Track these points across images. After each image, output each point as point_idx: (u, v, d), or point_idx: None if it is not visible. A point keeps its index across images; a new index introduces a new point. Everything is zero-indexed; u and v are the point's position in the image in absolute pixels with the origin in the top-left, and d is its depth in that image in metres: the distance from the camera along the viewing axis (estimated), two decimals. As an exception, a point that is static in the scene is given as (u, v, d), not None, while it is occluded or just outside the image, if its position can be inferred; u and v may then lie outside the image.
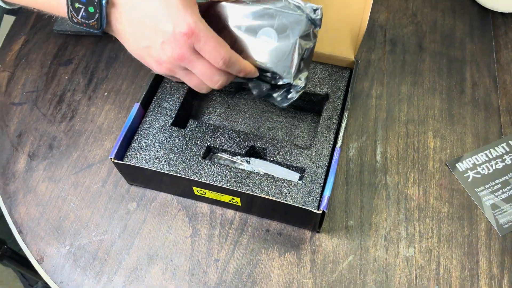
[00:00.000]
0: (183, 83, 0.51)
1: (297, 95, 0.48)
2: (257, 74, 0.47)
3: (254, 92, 0.49)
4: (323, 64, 0.60)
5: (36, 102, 0.64)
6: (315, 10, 0.46)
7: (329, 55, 0.59)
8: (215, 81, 0.45)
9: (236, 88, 0.62)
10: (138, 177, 0.55)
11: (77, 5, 0.42)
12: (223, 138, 0.55)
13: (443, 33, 0.71)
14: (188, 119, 0.61)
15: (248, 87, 0.49)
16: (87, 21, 0.43)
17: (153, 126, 0.55)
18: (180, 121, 0.58)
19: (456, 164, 0.58)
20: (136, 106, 0.54)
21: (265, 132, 0.60)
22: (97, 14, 0.42)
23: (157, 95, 0.58)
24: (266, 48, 0.46)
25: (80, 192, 0.57)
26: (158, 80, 0.59)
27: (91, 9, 0.42)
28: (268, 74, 0.47)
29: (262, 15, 0.45)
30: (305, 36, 0.46)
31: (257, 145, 0.54)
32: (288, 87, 0.48)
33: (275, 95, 0.49)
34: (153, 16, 0.41)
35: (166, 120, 0.56)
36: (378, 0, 0.74)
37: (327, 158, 0.53)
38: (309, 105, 0.61)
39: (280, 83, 0.47)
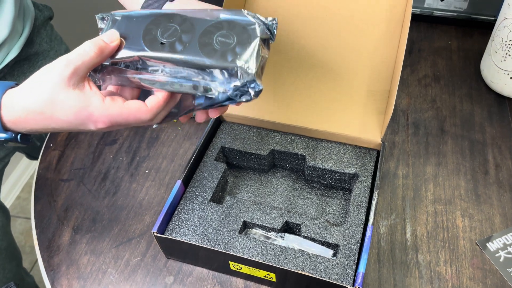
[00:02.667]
0: None
1: (253, 98, 0.44)
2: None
3: (207, 103, 0.46)
4: (352, 145, 0.64)
5: (82, 179, 0.69)
6: (272, 20, 0.46)
7: (357, 138, 0.63)
8: (155, 122, 0.47)
9: (269, 166, 0.66)
10: (176, 251, 0.57)
11: None
12: (258, 213, 0.58)
13: (462, 118, 0.75)
14: (224, 195, 0.64)
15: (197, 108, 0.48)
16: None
17: (193, 202, 0.59)
18: (217, 197, 0.62)
19: (487, 244, 0.59)
20: (178, 183, 0.58)
21: (297, 209, 0.63)
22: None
23: (197, 172, 0.62)
24: (225, 48, 0.44)
25: (120, 265, 0.59)
26: (198, 159, 0.63)
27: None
28: (224, 74, 0.44)
29: (219, 24, 0.45)
30: (264, 40, 0.45)
31: (291, 221, 0.57)
32: (244, 87, 0.44)
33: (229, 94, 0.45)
34: (75, 124, 0.44)
35: (205, 196, 0.59)
36: (399, 87, 0.80)
37: (360, 235, 0.55)
38: (339, 184, 0.64)
39: (240, 81, 0.43)
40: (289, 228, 0.58)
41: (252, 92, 0.44)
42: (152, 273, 0.58)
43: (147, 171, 0.70)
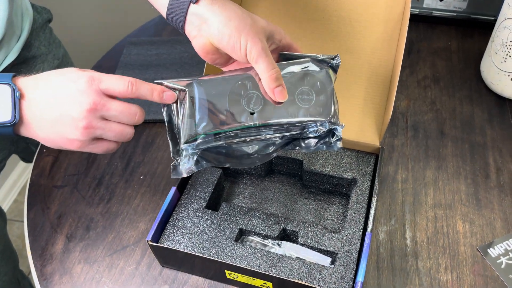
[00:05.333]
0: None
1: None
2: (173, 97, 0.49)
3: (304, 150, 0.51)
4: (350, 150, 0.63)
5: (76, 185, 0.68)
6: (333, 58, 0.50)
7: (355, 142, 0.62)
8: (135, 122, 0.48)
9: (266, 171, 0.65)
10: (171, 259, 0.56)
11: None
12: (255, 220, 0.57)
13: (462, 120, 0.74)
14: (220, 201, 0.63)
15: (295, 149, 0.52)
16: None
17: (188, 209, 0.58)
18: (213, 204, 0.61)
19: (488, 250, 0.58)
20: (173, 189, 0.57)
21: (294, 215, 0.62)
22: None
23: (192, 179, 0.61)
24: (308, 104, 0.49)
25: (114, 274, 0.58)
26: (193, 165, 0.62)
27: None
28: (313, 126, 0.49)
29: (293, 78, 0.49)
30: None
31: (288, 228, 0.56)
32: (331, 131, 0.50)
33: (322, 141, 0.51)
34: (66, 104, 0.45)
35: (200, 203, 0.58)
36: (398, 89, 0.78)
37: (358, 243, 0.53)
38: (337, 189, 0.63)
39: (326, 128, 0.49)
40: (286, 235, 0.57)
41: (338, 131, 0.50)
42: (146, 282, 0.57)
43: (142, 177, 0.68)
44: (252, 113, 0.48)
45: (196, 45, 0.49)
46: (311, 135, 0.50)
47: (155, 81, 0.49)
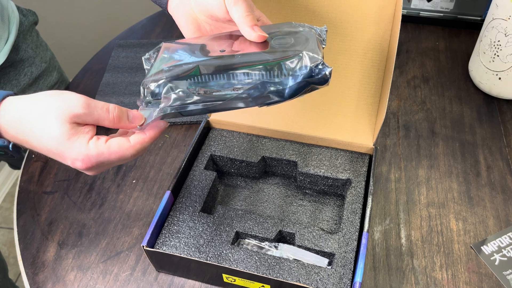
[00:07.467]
0: None
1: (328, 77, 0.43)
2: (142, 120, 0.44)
3: (286, 93, 0.43)
4: (344, 150, 0.63)
5: (67, 191, 0.66)
6: (322, 28, 0.48)
7: (349, 142, 0.62)
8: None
9: (260, 173, 0.65)
10: (167, 264, 0.55)
11: None
12: (251, 223, 0.56)
13: (452, 119, 0.75)
14: (215, 204, 0.63)
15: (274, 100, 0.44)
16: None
17: (183, 213, 0.57)
18: (208, 207, 0.60)
19: (482, 247, 0.59)
20: (167, 194, 0.56)
21: (290, 216, 0.61)
22: (8, 153, 0.45)
23: (186, 182, 0.60)
24: (286, 47, 0.44)
25: (108, 281, 0.57)
26: (187, 168, 0.61)
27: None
28: (294, 61, 0.42)
29: (273, 34, 0.46)
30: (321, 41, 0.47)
31: (285, 230, 0.56)
32: (316, 69, 0.43)
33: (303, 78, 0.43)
34: (53, 155, 0.43)
35: (195, 206, 0.58)
36: (388, 89, 0.79)
37: (355, 243, 0.54)
38: (331, 190, 0.63)
39: (308, 65, 0.42)
40: (283, 237, 0.57)
41: (327, 71, 0.42)
42: (142, 288, 0.56)
43: (134, 181, 0.67)
44: (222, 51, 0.45)
45: (180, 16, 0.50)
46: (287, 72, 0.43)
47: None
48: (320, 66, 0.42)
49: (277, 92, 0.43)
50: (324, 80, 0.43)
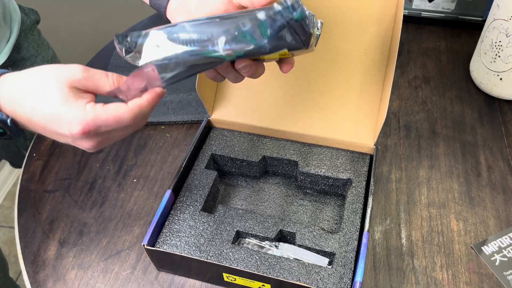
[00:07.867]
0: None
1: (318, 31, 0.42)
2: (162, 94, 0.43)
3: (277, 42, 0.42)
4: (344, 150, 0.63)
5: (68, 189, 0.66)
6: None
7: (350, 142, 0.62)
8: (138, 126, 0.44)
9: (260, 172, 0.65)
10: (168, 263, 0.55)
11: None
12: (251, 222, 0.56)
13: (453, 119, 0.75)
14: (216, 204, 0.63)
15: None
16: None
17: (184, 212, 0.57)
18: (209, 207, 0.60)
19: (482, 248, 0.59)
20: (168, 192, 0.57)
21: (290, 216, 0.61)
22: (7, 132, 0.43)
23: (187, 181, 0.60)
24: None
25: (109, 279, 0.57)
26: (188, 167, 0.61)
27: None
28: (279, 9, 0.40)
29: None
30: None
31: (286, 229, 0.56)
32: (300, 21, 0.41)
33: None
34: (49, 125, 0.41)
35: (196, 205, 0.58)
36: (389, 90, 0.79)
37: (356, 243, 0.54)
38: (332, 189, 0.63)
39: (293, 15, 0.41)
40: (283, 236, 0.57)
41: (306, 11, 0.40)
42: (142, 286, 0.56)
43: (135, 180, 0.67)
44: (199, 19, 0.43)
45: (181, 19, 0.49)
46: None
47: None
48: (299, 4, 0.40)
49: (256, 33, 0.41)
50: (305, 25, 0.41)
